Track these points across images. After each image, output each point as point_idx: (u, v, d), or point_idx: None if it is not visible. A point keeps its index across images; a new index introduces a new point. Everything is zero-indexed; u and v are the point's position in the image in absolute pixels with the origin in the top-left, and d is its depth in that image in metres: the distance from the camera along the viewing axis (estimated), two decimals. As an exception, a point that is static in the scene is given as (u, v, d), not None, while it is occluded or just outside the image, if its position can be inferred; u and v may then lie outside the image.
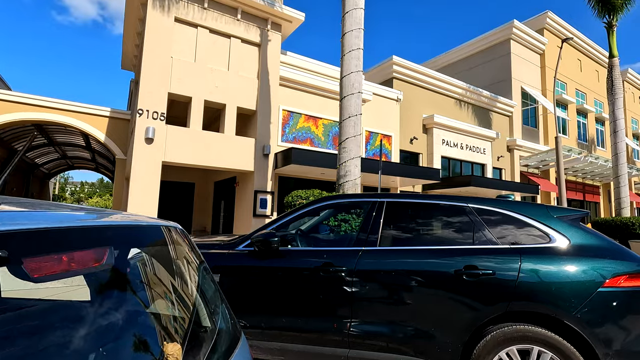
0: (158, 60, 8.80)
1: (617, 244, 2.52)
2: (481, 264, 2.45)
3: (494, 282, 2.39)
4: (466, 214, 2.70)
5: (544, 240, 2.52)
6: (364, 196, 2.96)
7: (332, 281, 2.65)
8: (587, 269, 2.35)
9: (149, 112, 8.61)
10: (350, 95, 6.65)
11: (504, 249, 2.50)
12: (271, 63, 10.55)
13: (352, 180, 6.47)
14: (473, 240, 2.61)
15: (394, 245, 2.75)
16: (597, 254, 2.42)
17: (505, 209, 2.68)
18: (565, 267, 2.36)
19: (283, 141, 11.35)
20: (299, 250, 2.83)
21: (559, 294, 2.29)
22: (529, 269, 2.38)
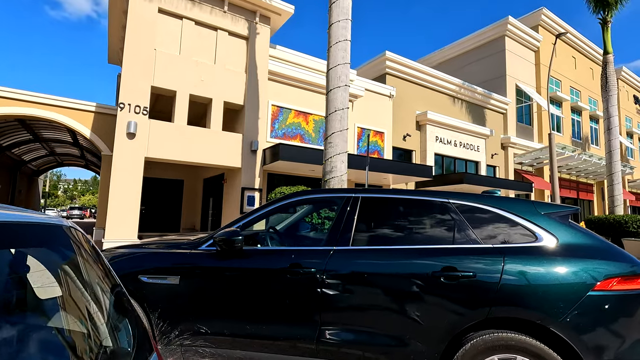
0: (141, 52, 8.50)
1: (608, 243, 2.31)
2: (461, 266, 2.23)
3: (475, 285, 2.17)
4: (447, 210, 2.48)
5: (529, 239, 2.31)
6: (338, 191, 2.74)
7: (300, 284, 2.42)
8: (576, 270, 2.13)
9: (131, 106, 8.32)
10: (336, 88, 6.42)
11: (486, 249, 2.28)
12: (259, 57, 10.27)
13: (339, 177, 6.24)
14: (453, 239, 2.39)
15: (368, 244, 2.53)
16: (587, 254, 2.21)
17: (489, 205, 2.46)
18: (552, 269, 2.15)
19: (272, 137, 11.10)
20: (265, 250, 2.60)
21: (545, 298, 2.08)
22: (513, 271, 2.16)
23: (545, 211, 2.42)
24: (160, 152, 8.67)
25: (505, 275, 2.15)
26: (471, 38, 21.57)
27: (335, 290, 2.35)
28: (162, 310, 2.62)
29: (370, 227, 2.61)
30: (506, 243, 2.30)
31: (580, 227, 2.40)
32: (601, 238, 2.36)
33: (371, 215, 2.62)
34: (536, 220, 2.37)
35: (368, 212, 2.61)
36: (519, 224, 2.36)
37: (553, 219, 2.38)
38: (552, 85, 22.61)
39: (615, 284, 2.11)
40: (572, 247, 2.25)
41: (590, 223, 13.25)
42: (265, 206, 2.78)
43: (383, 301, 2.28)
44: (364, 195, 2.66)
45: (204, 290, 2.58)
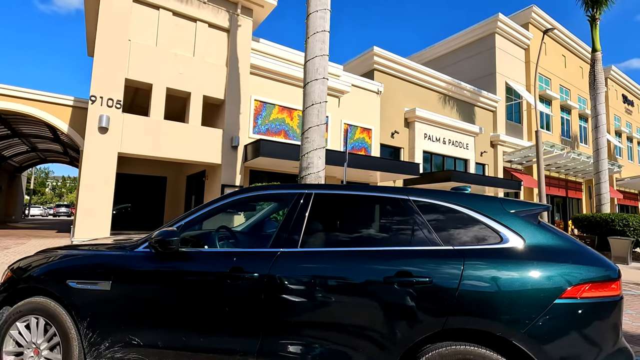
0: (114, 42, 8.14)
1: (581, 245, 2.09)
2: (416, 270, 1.99)
3: (430, 291, 1.93)
4: (405, 208, 2.24)
5: (494, 240, 2.08)
6: (288, 187, 2.48)
7: (242, 290, 2.16)
8: (543, 275, 1.91)
9: (103, 99, 7.97)
10: (314, 81, 6.16)
11: (445, 251, 2.05)
12: (241, 50, 9.96)
13: (315, 173, 5.99)
14: (411, 240, 2.15)
15: (319, 246, 2.28)
16: (556, 257, 1.98)
17: (452, 202, 2.22)
18: (516, 273, 1.92)
19: (255, 133, 10.80)
20: (205, 252, 2.34)
21: (507, 306, 1.85)
22: (473, 276, 1.93)
23: (513, 209, 2.19)
24: (135, 148, 8.33)
25: (464, 280, 1.92)
26: (461, 35, 21.44)
27: (279, 297, 2.10)
28: (92, 319, 2.35)
29: (322, 227, 2.36)
30: (467, 244, 2.07)
31: (551, 227, 2.18)
32: (572, 239, 2.14)
33: (324, 213, 2.38)
34: (502, 219, 2.14)
35: (321, 210, 2.36)
36: (484, 223, 2.13)
37: (521, 218, 2.15)
38: (541, 83, 22.60)
39: (585, 290, 1.89)
40: (540, 249, 2.02)
41: (577, 221, 13.20)
42: (210, 204, 2.51)
43: (330, 310, 2.04)
44: (317, 191, 2.41)
45: (136, 297, 2.31)
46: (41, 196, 53.68)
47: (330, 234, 2.34)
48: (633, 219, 11.86)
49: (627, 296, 6.41)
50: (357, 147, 13.52)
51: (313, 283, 2.08)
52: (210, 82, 9.50)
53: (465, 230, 2.14)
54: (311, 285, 2.08)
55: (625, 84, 30.25)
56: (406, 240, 2.16)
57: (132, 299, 2.31)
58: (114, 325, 2.31)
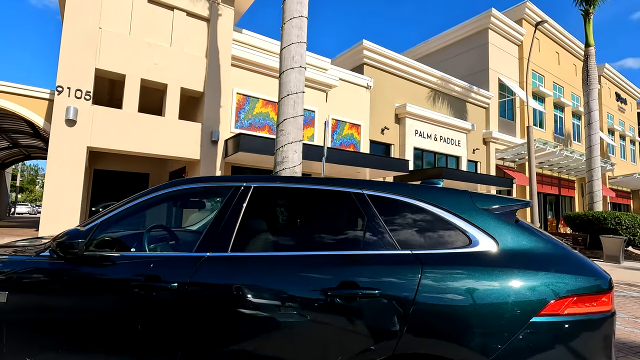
0: (82, 30, 7.68)
1: (566, 249, 1.74)
2: (363, 280, 1.62)
3: (379, 307, 1.57)
4: (359, 204, 1.87)
5: (461, 243, 1.71)
6: (225, 179, 2.10)
7: (158, 302, 1.78)
8: (519, 286, 1.55)
9: (71, 90, 7.52)
10: (289, 70, 5.76)
11: (401, 257, 1.68)
12: (222, 40, 9.53)
13: (291, 168, 5.61)
14: (362, 243, 1.78)
15: (253, 249, 1.90)
16: (535, 264, 1.63)
17: (414, 197, 1.86)
18: (484, 284, 1.56)
19: (237, 127, 10.39)
20: (117, 257, 1.95)
21: (472, 326, 1.49)
22: (432, 288, 1.56)
23: (485, 206, 1.83)
24: (107, 142, 7.89)
25: (420, 293, 1.55)
26: (455, 31, 21.12)
27: (200, 313, 1.72)
28: (-16, 337, 1.96)
29: (260, 227, 1.98)
30: (428, 248, 1.70)
31: (530, 228, 1.82)
32: (557, 241, 1.78)
33: (263, 211, 2.00)
34: (472, 217, 1.77)
35: (260, 206, 1.98)
36: (449, 222, 1.77)
37: (495, 216, 1.79)
38: (535, 80, 22.37)
39: (570, 304, 1.54)
40: (516, 254, 1.66)
41: (569, 219, 12.96)
42: (132, 199, 2.12)
43: (261, 329, 1.66)
44: (256, 184, 2.03)
45: (36, 312, 1.92)
46: (30, 194, 52.70)
47: (269, 235, 1.96)
48: (625, 217, 11.63)
49: (618, 298, 6.11)
50: (345, 143, 13.15)
51: (242, 296, 1.70)
52: (189, 73, 9.07)
53: (428, 230, 1.77)
54: (239, 298, 1.70)
55: (619, 81, 30.16)
56: (357, 243, 1.79)
57: (31, 314, 1.92)
58: (9, 343, 1.92)
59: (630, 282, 7.65)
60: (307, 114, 12.02)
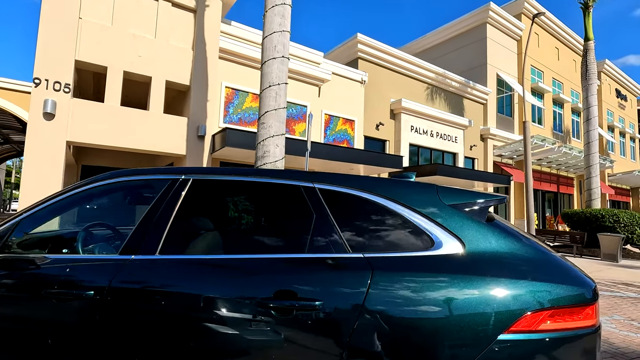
0: (61, 20, 7.40)
1: (545, 251, 1.49)
2: (303, 289, 1.37)
3: (319, 321, 1.32)
4: (308, 200, 1.62)
5: (422, 245, 1.46)
6: (163, 171, 1.85)
7: (72, 311, 1.53)
8: (485, 296, 1.31)
9: (49, 82, 7.25)
10: (271, 60, 5.50)
11: (350, 261, 1.43)
12: (209, 32, 9.24)
13: (272, 163, 5.35)
14: (308, 244, 1.53)
15: (188, 251, 1.65)
16: (508, 270, 1.38)
17: (372, 192, 1.61)
18: (445, 294, 1.31)
19: (226, 122, 10.13)
20: (29, 259, 1.70)
21: (427, 344, 1.25)
22: (381, 298, 1.32)
23: (452, 202, 1.58)
24: (87, 136, 7.63)
25: (367, 305, 1.31)
26: (452, 25, 20.79)
27: (120, 326, 1.48)
28: None
29: (197, 226, 1.74)
30: (382, 251, 1.46)
31: (505, 227, 1.57)
32: (536, 243, 1.53)
33: (201, 207, 1.75)
34: (437, 215, 1.52)
35: (197, 202, 1.73)
36: (410, 221, 1.52)
37: (463, 214, 1.54)
38: (534, 76, 22.07)
39: (546, 318, 1.30)
40: (485, 258, 1.42)
41: (566, 217, 12.72)
42: (56, 195, 1.87)
43: (180, 348, 1.42)
44: (197, 177, 1.78)
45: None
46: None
47: (206, 235, 1.71)
48: (624, 215, 11.39)
49: (615, 298, 5.88)
50: (339, 139, 12.89)
51: (164, 308, 1.45)
52: (174, 66, 8.80)
53: (385, 230, 1.52)
54: (161, 311, 1.45)
55: (619, 78, 29.84)
56: (302, 245, 1.54)
57: None
58: None
59: (628, 282, 7.42)
60: (299, 108, 11.76)
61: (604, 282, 7.23)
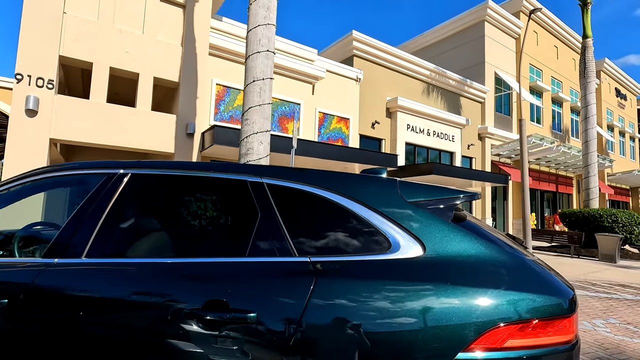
0: (44, 14, 7.22)
1: (518, 254, 1.31)
2: (236, 299, 1.20)
3: (252, 337, 1.15)
4: (254, 197, 1.44)
5: (377, 247, 1.29)
6: (99, 166, 1.68)
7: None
8: (444, 307, 1.13)
9: (32, 78, 7.07)
10: (256, 54, 5.32)
11: (293, 266, 1.25)
12: (199, 28, 9.06)
13: (256, 161, 5.18)
14: (250, 247, 1.35)
15: (118, 254, 1.47)
16: (472, 276, 1.20)
17: (325, 188, 1.43)
18: (398, 305, 1.13)
19: (217, 120, 9.95)
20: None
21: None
22: (324, 310, 1.14)
23: (415, 198, 1.40)
24: (71, 134, 7.45)
25: (307, 318, 1.13)
26: (450, 23, 20.60)
27: (34, 334, 1.30)
28: None
29: (130, 227, 1.56)
30: (333, 254, 1.28)
31: (477, 227, 1.39)
32: (509, 246, 1.35)
33: (136, 206, 1.57)
34: (395, 214, 1.34)
35: (132, 200, 1.55)
36: (366, 220, 1.34)
37: (427, 212, 1.36)
38: (532, 74, 21.88)
39: (514, 333, 1.12)
40: (448, 263, 1.24)
41: (564, 217, 12.55)
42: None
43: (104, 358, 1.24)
44: (136, 171, 1.60)
45: None
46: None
47: (140, 237, 1.53)
48: (622, 215, 11.21)
49: (611, 300, 5.70)
50: (333, 137, 12.71)
51: (88, 317, 1.28)
52: (163, 62, 8.61)
53: (337, 231, 1.34)
54: (85, 320, 1.28)
55: (619, 77, 29.64)
56: (243, 247, 1.36)
57: None
58: None
59: (625, 283, 7.24)
60: (292, 106, 11.57)
61: (600, 284, 7.05)
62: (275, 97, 11.06)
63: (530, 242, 9.02)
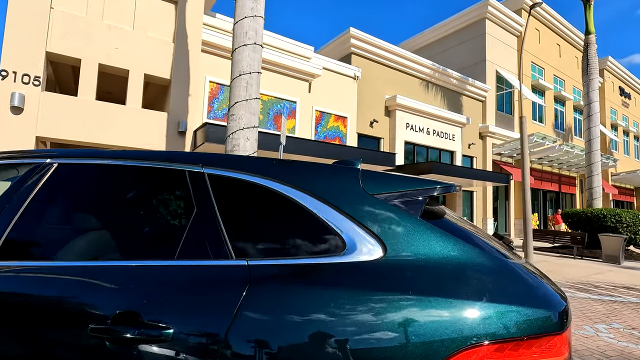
0: (30, 9, 7.06)
1: (497, 257, 1.09)
2: (151, 311, 0.99)
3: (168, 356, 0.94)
4: (192, 189, 1.23)
5: (329, 248, 1.07)
6: (25, 155, 1.47)
7: None
8: (405, 322, 0.91)
9: (17, 75, 6.91)
10: (242, 47, 5.12)
11: (226, 271, 1.04)
12: (191, 24, 8.89)
13: (242, 158, 4.95)
14: (181, 248, 1.14)
15: (33, 257, 1.26)
16: (439, 284, 0.98)
17: (273, 178, 1.21)
18: (347, 320, 0.92)
19: (210, 118, 9.77)
20: None
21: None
22: (255, 323, 0.93)
23: (378, 191, 1.18)
24: (59, 132, 7.28)
25: (233, 334, 0.92)
26: (451, 21, 20.36)
27: None
28: None
29: (50, 225, 1.35)
30: (274, 256, 1.07)
31: (451, 224, 1.18)
32: (489, 246, 1.14)
33: (59, 200, 1.36)
34: (354, 209, 1.13)
35: (56, 194, 1.34)
36: (318, 216, 1.13)
37: (391, 207, 1.14)
38: (534, 73, 21.59)
39: (490, 355, 0.90)
40: (412, 266, 1.02)
41: (566, 217, 12.27)
42: None
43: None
44: (64, 161, 1.40)
45: None
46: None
47: (60, 236, 1.32)
48: (626, 215, 10.93)
49: (615, 304, 5.45)
50: (330, 136, 12.50)
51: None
52: (154, 59, 8.44)
53: (285, 229, 1.13)
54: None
55: (623, 75, 29.26)
56: (174, 248, 1.15)
57: None
58: None
59: (630, 285, 6.97)
60: (289, 104, 11.38)
61: (603, 286, 6.80)
62: (270, 95, 10.86)
63: (531, 242, 8.76)
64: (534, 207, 21.23)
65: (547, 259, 10.35)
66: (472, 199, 17.81)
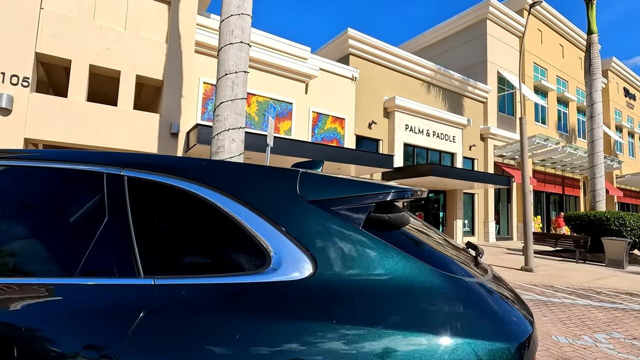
0: (19, 9, 6.98)
1: (457, 279, 0.92)
2: (26, 337, 0.83)
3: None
4: (106, 194, 1.07)
5: (251, 263, 0.91)
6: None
7: None
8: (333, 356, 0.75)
9: (5, 76, 6.82)
10: (228, 45, 4.98)
11: (123, 291, 0.88)
12: (184, 25, 8.78)
13: (227, 160, 4.81)
14: (83, 262, 0.98)
15: None
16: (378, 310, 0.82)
17: (198, 181, 1.05)
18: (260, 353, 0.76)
19: (204, 120, 9.65)
20: None
21: None
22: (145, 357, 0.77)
23: (318, 196, 1.01)
24: (48, 133, 7.18)
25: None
26: (452, 22, 20.17)
27: None
28: None
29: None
30: (185, 273, 0.91)
31: (402, 237, 1.01)
32: (448, 263, 0.97)
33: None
34: (285, 217, 0.96)
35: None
36: (241, 226, 0.96)
37: (329, 214, 0.98)
38: (537, 73, 21.33)
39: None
40: (344, 287, 0.85)
41: (569, 220, 12.00)
42: None
43: None
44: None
45: None
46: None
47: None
48: (630, 218, 10.65)
49: (616, 311, 5.23)
50: (328, 137, 12.34)
51: None
52: (146, 60, 8.33)
53: (203, 241, 0.97)
54: None
55: (627, 76, 28.89)
56: (76, 262, 0.99)
57: None
58: None
59: (633, 291, 6.73)
60: (285, 105, 11.25)
61: (605, 292, 6.56)
62: (266, 96, 10.73)
63: (532, 246, 8.53)
64: (537, 210, 20.91)
65: (549, 263, 10.09)
66: (474, 201, 17.56)
